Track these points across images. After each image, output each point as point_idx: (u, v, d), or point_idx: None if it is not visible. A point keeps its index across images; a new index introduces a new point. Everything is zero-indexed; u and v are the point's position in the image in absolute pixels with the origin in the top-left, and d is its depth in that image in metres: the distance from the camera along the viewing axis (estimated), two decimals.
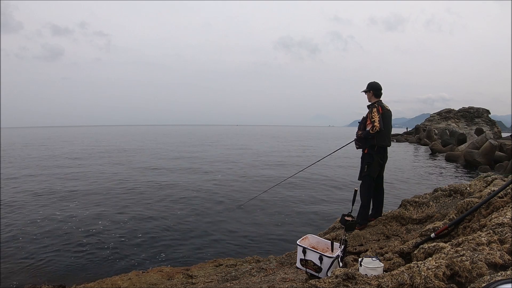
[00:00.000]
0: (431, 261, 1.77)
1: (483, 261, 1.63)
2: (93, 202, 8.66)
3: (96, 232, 6.29)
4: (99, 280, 3.70)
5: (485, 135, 20.86)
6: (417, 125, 47.58)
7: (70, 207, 8.12)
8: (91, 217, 7.28)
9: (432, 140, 31.37)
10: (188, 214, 7.62)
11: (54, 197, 9.24)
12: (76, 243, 5.75)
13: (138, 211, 7.79)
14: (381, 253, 2.67)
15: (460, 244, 1.93)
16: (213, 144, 35.29)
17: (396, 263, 2.31)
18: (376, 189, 3.92)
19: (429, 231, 2.53)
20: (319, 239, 3.04)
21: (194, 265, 4.03)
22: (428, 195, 3.99)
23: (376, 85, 3.87)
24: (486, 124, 45.74)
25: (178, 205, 8.39)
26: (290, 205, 8.34)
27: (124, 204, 8.46)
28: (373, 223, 3.85)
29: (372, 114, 3.64)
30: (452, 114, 49.33)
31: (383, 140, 3.77)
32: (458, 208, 2.67)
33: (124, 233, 6.24)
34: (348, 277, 1.90)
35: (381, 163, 3.84)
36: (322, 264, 2.59)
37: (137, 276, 3.50)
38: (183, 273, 3.50)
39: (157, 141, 40.31)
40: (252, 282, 2.65)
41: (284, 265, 3.18)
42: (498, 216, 2.13)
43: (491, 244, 1.80)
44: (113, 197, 9.34)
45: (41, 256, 5.20)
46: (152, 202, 8.74)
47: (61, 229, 6.45)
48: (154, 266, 4.61)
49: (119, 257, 5.19)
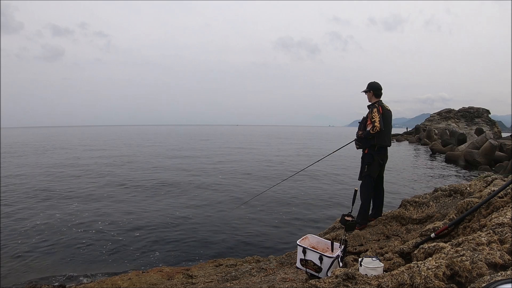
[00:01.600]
0: (431, 261, 1.77)
1: (483, 261, 1.63)
2: (93, 202, 8.66)
3: (96, 232, 6.29)
4: (99, 280, 3.70)
5: (485, 135, 20.85)
6: (417, 125, 47.58)
7: (69, 207, 8.11)
8: (90, 217, 7.28)
9: (432, 140, 31.37)
10: (188, 214, 7.61)
11: (54, 197, 9.24)
12: (76, 243, 5.75)
13: (138, 211, 7.79)
14: (381, 253, 2.67)
15: (460, 244, 1.94)
16: (213, 144, 35.29)
17: (396, 263, 2.31)
18: (376, 189, 3.92)
19: (429, 231, 2.53)
20: (319, 239, 3.04)
21: (194, 265, 4.03)
22: (428, 195, 3.99)
23: (376, 85, 3.87)
24: (486, 124, 45.74)
25: (178, 205, 8.39)
26: (290, 205, 8.34)
27: (123, 204, 8.47)
28: (373, 223, 3.85)
29: (373, 114, 3.64)
30: (452, 114, 49.34)
31: (383, 140, 3.77)
32: (458, 208, 2.67)
33: (124, 233, 6.24)
34: (348, 277, 1.91)
35: (381, 163, 3.84)
36: (322, 264, 2.59)
37: (137, 276, 3.50)
38: (183, 273, 3.50)
39: (157, 141, 40.31)
40: (252, 282, 2.65)
41: (284, 265, 3.18)
42: (498, 216, 2.13)
43: (491, 244, 1.80)
44: (112, 197, 9.34)
45: (41, 256, 5.20)
46: (151, 202, 8.75)
47: (61, 229, 6.45)
48: (154, 266, 4.61)
49: (119, 257, 5.20)
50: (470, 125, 45.73)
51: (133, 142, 39.19)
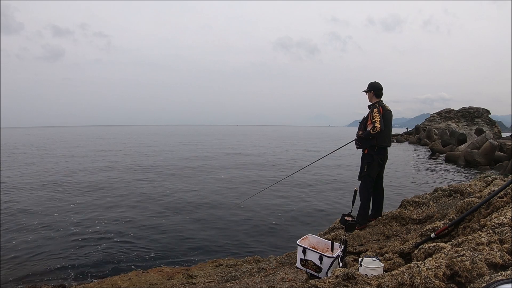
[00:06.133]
0: (431, 261, 1.77)
1: (483, 261, 1.63)
2: (92, 202, 8.66)
3: (95, 232, 6.29)
4: (99, 280, 3.70)
5: (485, 135, 20.86)
6: (417, 125, 47.56)
7: (69, 207, 8.11)
8: (90, 217, 7.28)
9: (432, 140, 31.37)
10: (188, 214, 7.62)
11: (54, 197, 9.24)
12: (75, 243, 5.75)
13: (138, 211, 7.79)
14: (381, 253, 2.67)
15: (460, 244, 1.94)
16: (213, 143, 35.28)
17: (396, 263, 2.31)
18: (376, 189, 3.92)
19: (429, 231, 2.53)
20: (319, 239, 3.03)
21: (194, 265, 4.03)
22: (428, 195, 3.99)
23: (377, 85, 3.86)
24: (486, 124, 45.73)
25: (178, 205, 8.39)
26: (290, 205, 8.34)
27: (123, 204, 8.46)
28: (373, 223, 3.85)
29: (373, 114, 3.64)
30: (452, 114, 49.33)
31: (384, 140, 3.76)
32: (458, 208, 2.67)
33: (123, 233, 6.24)
34: (348, 277, 1.91)
35: (381, 163, 3.84)
36: (322, 264, 2.59)
37: (137, 276, 3.50)
38: (183, 273, 3.50)
39: (157, 141, 40.29)
40: (252, 282, 2.65)
41: (284, 265, 3.18)
42: (498, 216, 2.13)
43: (491, 244, 1.81)
44: (112, 197, 9.33)
45: (41, 256, 5.20)
46: (151, 202, 8.74)
47: (60, 229, 6.45)
48: (154, 266, 4.60)
49: (119, 257, 5.19)
50: (470, 125, 45.73)
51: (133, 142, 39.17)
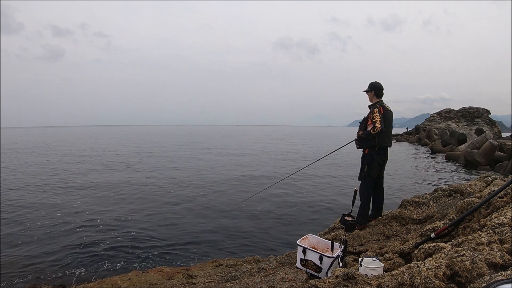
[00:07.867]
0: (431, 261, 1.77)
1: (483, 261, 1.63)
2: (93, 203, 8.66)
3: (96, 232, 6.29)
4: (99, 280, 3.70)
5: (485, 135, 20.86)
6: (417, 125, 47.55)
7: (69, 207, 8.11)
8: (90, 217, 7.28)
9: (432, 140, 31.37)
10: (188, 213, 7.62)
11: (53, 197, 9.24)
12: (76, 243, 5.75)
13: (138, 211, 7.79)
14: (381, 253, 2.67)
15: (460, 244, 1.94)
16: (213, 143, 35.28)
17: (396, 263, 2.31)
18: (376, 189, 3.92)
19: (429, 231, 2.53)
20: (319, 239, 3.03)
21: (194, 265, 4.03)
22: (428, 195, 3.99)
23: (377, 85, 3.86)
24: (486, 124, 45.72)
25: (179, 205, 8.39)
26: (290, 205, 8.34)
27: (123, 204, 8.46)
28: (373, 223, 3.85)
29: (374, 114, 3.63)
30: (452, 114, 49.30)
31: (384, 140, 3.76)
32: (458, 208, 2.67)
33: (123, 233, 6.23)
34: (348, 277, 1.91)
35: (381, 163, 3.84)
36: (322, 264, 2.59)
37: (137, 276, 3.50)
38: (183, 273, 3.50)
39: (157, 141, 40.30)
40: (252, 282, 2.65)
41: (284, 265, 3.18)
42: (498, 216, 2.13)
43: (491, 244, 1.81)
44: (112, 197, 9.33)
45: (41, 256, 5.20)
46: (151, 202, 8.74)
47: (60, 229, 6.45)
48: (154, 266, 4.61)
49: (119, 257, 5.19)
50: (470, 125, 45.71)
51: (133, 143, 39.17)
